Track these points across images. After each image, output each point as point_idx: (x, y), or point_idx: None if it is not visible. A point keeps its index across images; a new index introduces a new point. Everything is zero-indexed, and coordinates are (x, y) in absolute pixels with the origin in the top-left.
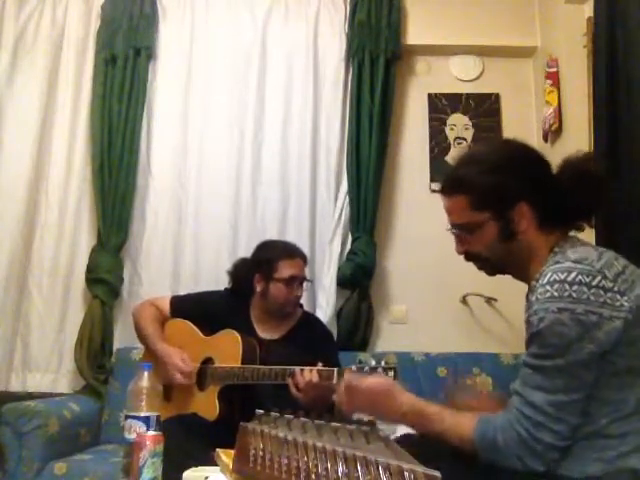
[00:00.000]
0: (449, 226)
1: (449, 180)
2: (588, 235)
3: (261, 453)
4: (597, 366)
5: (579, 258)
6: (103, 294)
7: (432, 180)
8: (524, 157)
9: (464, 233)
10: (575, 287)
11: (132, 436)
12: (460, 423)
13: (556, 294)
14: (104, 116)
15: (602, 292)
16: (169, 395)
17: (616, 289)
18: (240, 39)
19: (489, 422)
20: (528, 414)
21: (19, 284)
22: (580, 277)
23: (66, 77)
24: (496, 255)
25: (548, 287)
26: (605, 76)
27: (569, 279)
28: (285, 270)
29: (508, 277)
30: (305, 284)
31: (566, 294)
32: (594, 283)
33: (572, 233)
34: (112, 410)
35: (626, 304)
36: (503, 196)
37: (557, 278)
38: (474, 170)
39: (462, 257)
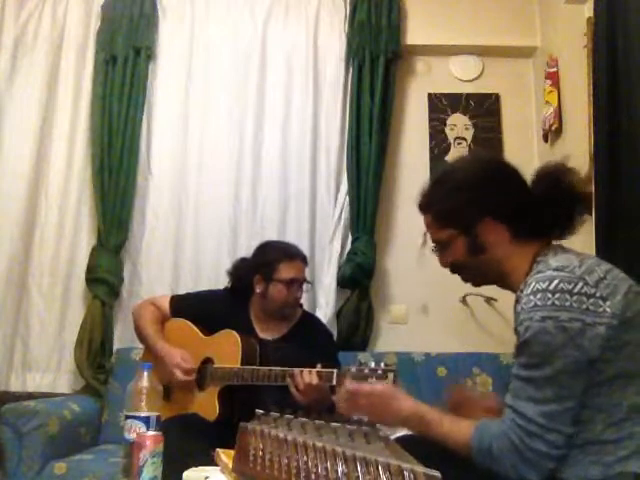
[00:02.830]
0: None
1: (419, 200)
2: (588, 236)
3: (261, 453)
4: (586, 374)
5: (560, 266)
6: (103, 294)
7: None
8: (491, 174)
9: (440, 248)
10: (557, 295)
11: (132, 436)
12: (458, 430)
13: (539, 303)
14: (104, 116)
15: (584, 298)
16: (169, 395)
17: (598, 295)
18: (240, 39)
19: (485, 430)
20: (521, 424)
21: (19, 284)
22: (562, 285)
23: (66, 77)
24: (473, 268)
25: (532, 297)
26: (605, 76)
27: (551, 287)
28: (285, 272)
29: None
30: (305, 286)
31: (549, 302)
32: (576, 290)
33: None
34: (112, 410)
35: (609, 310)
36: (463, 214)
37: (539, 287)
38: (437, 191)
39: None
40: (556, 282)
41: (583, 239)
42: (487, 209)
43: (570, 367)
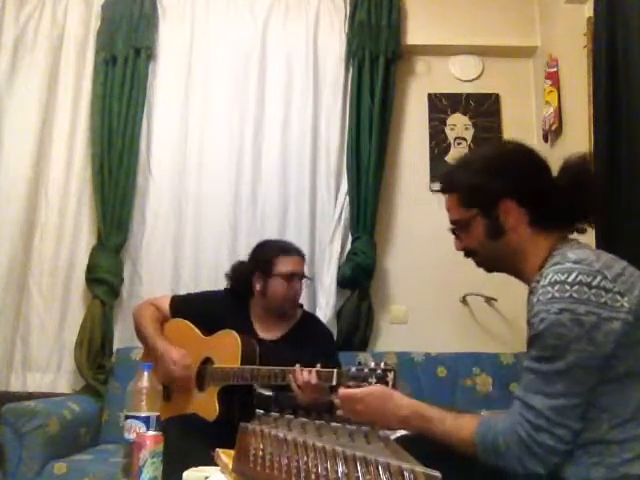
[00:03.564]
0: (450, 225)
1: (442, 180)
2: (588, 235)
3: (261, 453)
4: (598, 370)
5: (578, 259)
6: (103, 294)
7: (432, 180)
8: (516, 158)
9: (459, 229)
10: (576, 287)
11: (132, 436)
12: (461, 425)
13: (557, 295)
14: (104, 116)
15: (603, 292)
16: (169, 395)
17: (616, 290)
18: (240, 39)
19: (490, 424)
20: (529, 418)
21: (19, 284)
22: (581, 277)
23: (66, 77)
24: (488, 252)
25: (549, 288)
26: (605, 76)
27: (570, 279)
28: (283, 266)
29: (508, 277)
30: (304, 281)
31: (567, 295)
32: (594, 283)
33: (573, 236)
34: (112, 410)
35: (626, 305)
36: (486, 193)
37: (558, 279)
38: (462, 170)
39: (462, 255)
40: (575, 274)
41: (583, 239)
42: (509, 190)
43: (583, 362)
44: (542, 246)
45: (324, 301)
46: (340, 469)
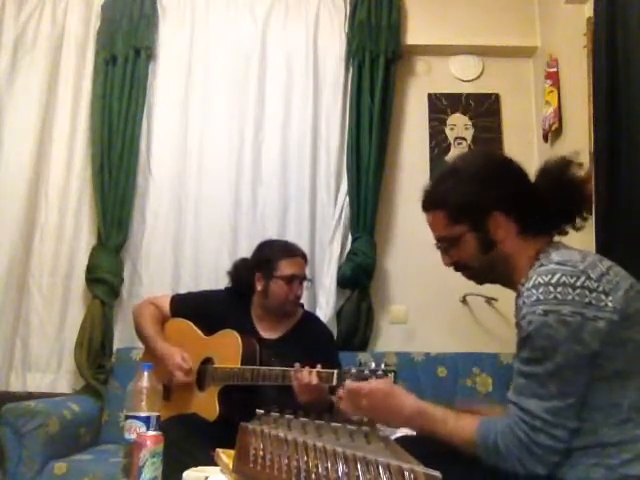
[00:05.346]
0: (435, 241)
1: (426, 197)
2: (588, 235)
3: (261, 453)
4: (588, 369)
5: (562, 260)
6: (103, 294)
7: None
8: (497, 169)
9: (448, 246)
10: (560, 289)
11: (132, 436)
12: (462, 426)
13: (541, 297)
14: (104, 116)
15: (587, 292)
16: (169, 395)
17: (600, 289)
18: (240, 39)
19: (490, 426)
20: (525, 419)
21: (19, 284)
22: (564, 278)
23: (66, 77)
24: (480, 265)
25: (534, 290)
26: (605, 76)
27: (553, 281)
28: (286, 268)
29: None
30: (305, 283)
31: (551, 296)
32: (578, 284)
33: (557, 238)
34: (112, 410)
35: (610, 304)
36: (475, 207)
37: (542, 281)
38: (447, 185)
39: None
40: (558, 275)
41: (583, 238)
42: (498, 202)
43: (572, 362)
44: (530, 252)
45: (324, 301)
46: (340, 469)
